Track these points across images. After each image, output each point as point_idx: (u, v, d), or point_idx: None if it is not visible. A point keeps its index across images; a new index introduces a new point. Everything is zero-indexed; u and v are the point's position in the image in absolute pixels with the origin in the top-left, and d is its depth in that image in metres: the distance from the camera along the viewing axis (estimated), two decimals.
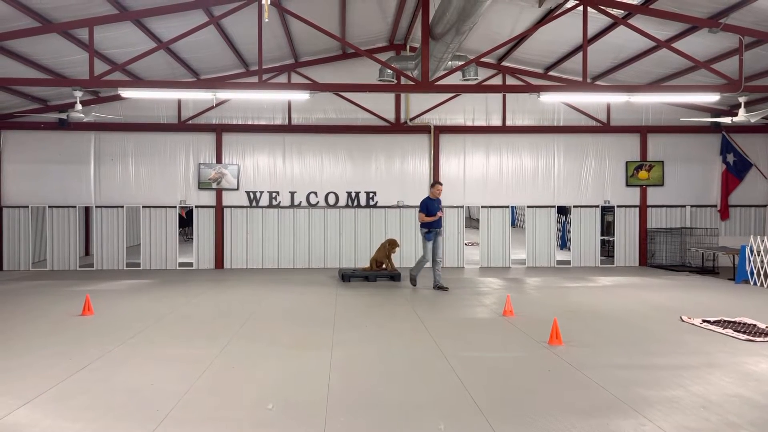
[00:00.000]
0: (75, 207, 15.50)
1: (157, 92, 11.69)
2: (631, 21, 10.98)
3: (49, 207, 15.43)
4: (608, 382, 5.58)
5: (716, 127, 15.75)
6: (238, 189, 15.71)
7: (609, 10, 10.63)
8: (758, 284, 12.07)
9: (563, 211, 18.22)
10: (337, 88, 11.90)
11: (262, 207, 15.78)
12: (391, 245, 13.24)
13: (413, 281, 11.99)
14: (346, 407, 4.94)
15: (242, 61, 14.32)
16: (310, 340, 7.34)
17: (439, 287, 11.55)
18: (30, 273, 14.72)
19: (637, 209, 16.28)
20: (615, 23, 11.21)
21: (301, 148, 15.88)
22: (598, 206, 16.29)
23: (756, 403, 5.01)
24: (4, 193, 15.36)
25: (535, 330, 7.81)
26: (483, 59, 13.99)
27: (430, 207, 11.59)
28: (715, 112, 15.69)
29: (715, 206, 16.27)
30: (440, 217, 11.70)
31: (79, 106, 11.67)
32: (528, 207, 16.25)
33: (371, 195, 15.91)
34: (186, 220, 18.95)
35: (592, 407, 4.94)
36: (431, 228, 11.56)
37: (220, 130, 15.65)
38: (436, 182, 12.28)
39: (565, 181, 16.19)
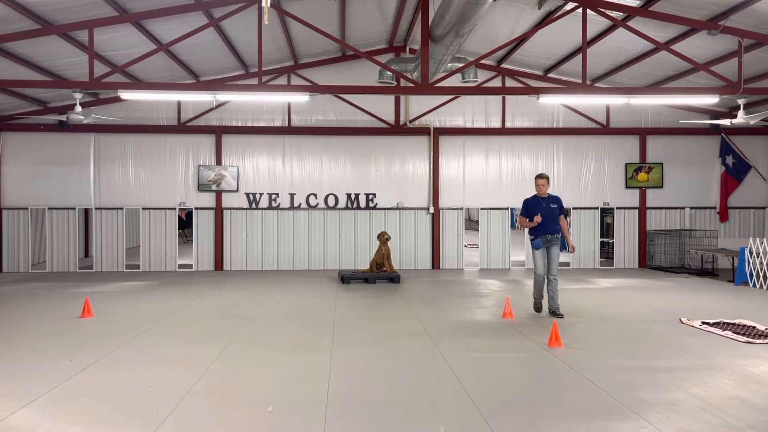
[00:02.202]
0: (74, 209, 15.50)
1: (156, 94, 11.70)
2: (630, 23, 10.99)
3: (48, 209, 15.43)
4: (608, 384, 5.58)
5: (715, 129, 15.77)
6: (237, 191, 15.71)
7: (608, 12, 10.65)
8: (757, 286, 12.07)
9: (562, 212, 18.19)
10: (336, 90, 11.93)
11: (261, 209, 15.78)
12: (381, 236, 13.21)
13: (537, 307, 9.24)
14: (346, 410, 4.94)
15: (242, 62, 14.33)
16: (310, 342, 7.34)
17: (552, 312, 8.93)
18: (29, 275, 14.71)
19: (637, 211, 16.29)
20: (614, 25, 11.22)
21: (301, 149, 15.89)
22: (597, 208, 16.30)
23: (756, 406, 5.01)
24: (3, 194, 15.36)
25: (534, 332, 7.82)
26: (482, 61, 14.01)
27: (529, 208, 9.20)
28: (715, 114, 15.70)
29: (715, 208, 16.28)
30: (547, 221, 8.97)
31: (78, 108, 11.68)
32: None
33: (371, 197, 15.91)
34: (186, 222, 18.96)
35: (591, 409, 4.94)
36: (537, 234, 9.05)
37: (219, 131, 15.66)
38: (537, 175, 9.43)
39: (564, 182, 16.19)
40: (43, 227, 15.61)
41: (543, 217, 8.92)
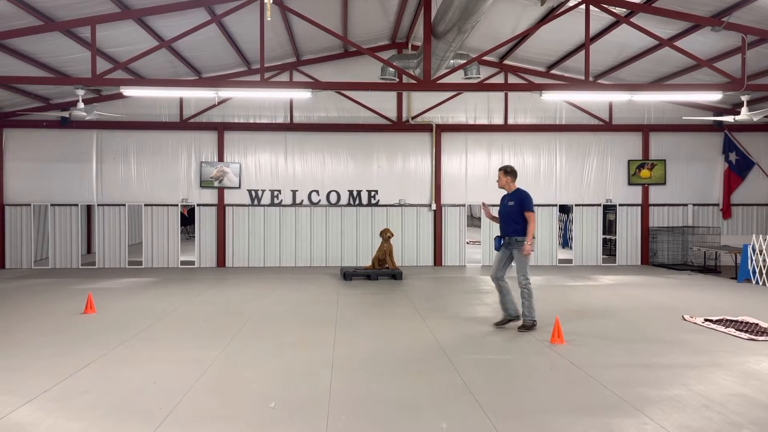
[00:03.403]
0: (77, 205, 15.52)
1: (159, 90, 11.69)
2: (633, 19, 10.96)
3: (51, 205, 15.45)
4: (610, 380, 5.58)
5: (719, 126, 15.74)
6: (239, 187, 15.71)
7: (611, 8, 10.61)
8: (760, 283, 12.05)
9: (565, 209, 18.20)
10: (339, 87, 11.90)
11: (264, 205, 15.78)
12: (384, 233, 13.21)
13: (513, 322, 7.92)
14: (348, 406, 4.95)
15: (244, 59, 14.32)
16: (312, 339, 7.35)
17: (500, 320, 8.01)
18: (32, 271, 14.74)
19: (639, 208, 16.26)
20: (617, 21, 11.19)
21: (303, 146, 15.88)
22: (600, 205, 16.27)
23: (758, 403, 5.01)
24: (6, 191, 15.38)
25: (537, 328, 7.81)
26: (485, 58, 13.99)
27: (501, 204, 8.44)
28: (718, 110, 15.66)
29: (718, 205, 16.25)
30: (502, 220, 8.17)
31: (81, 105, 11.70)
32: None
33: (373, 193, 15.91)
34: (188, 219, 18.98)
35: (593, 406, 4.93)
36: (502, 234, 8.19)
37: (222, 128, 15.66)
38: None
39: (567, 179, 16.17)
40: (45, 224, 15.64)
41: (499, 216, 8.23)
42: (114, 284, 12.34)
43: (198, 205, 15.75)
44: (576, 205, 16.24)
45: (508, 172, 8.24)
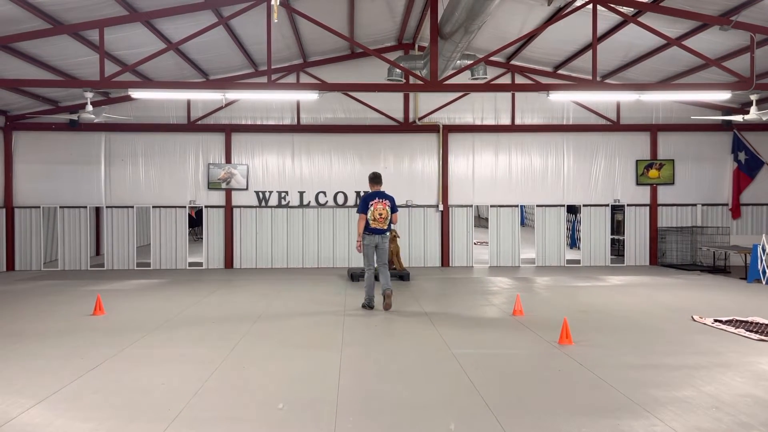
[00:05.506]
0: (86, 207, 15.61)
1: (166, 93, 11.73)
2: (641, 19, 10.92)
3: (60, 207, 15.54)
4: (619, 382, 5.56)
5: (727, 125, 15.65)
6: (247, 189, 15.75)
7: (619, 8, 10.57)
8: None
9: (573, 210, 18.14)
10: (345, 88, 11.91)
11: (271, 207, 15.82)
12: (390, 233, 13.17)
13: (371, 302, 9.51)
14: (356, 407, 4.95)
15: (251, 61, 14.36)
16: (320, 340, 7.36)
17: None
18: (41, 273, 14.83)
19: (648, 208, 16.18)
20: (625, 21, 11.15)
21: (310, 147, 15.91)
22: (608, 205, 16.21)
23: None
24: (15, 193, 15.49)
25: (545, 330, 7.79)
26: (492, 58, 13.95)
27: None
28: (726, 110, 15.57)
29: (727, 205, 16.15)
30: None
31: (89, 107, 11.77)
32: (537, 206, 16.19)
33: None
34: (196, 220, 19.04)
35: (602, 407, 4.92)
36: None
37: (229, 130, 15.71)
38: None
39: (574, 180, 16.12)
40: (54, 226, 15.73)
41: None
42: (123, 286, 12.40)
43: (206, 206, 15.80)
44: (584, 205, 16.19)
45: (369, 179, 9.87)
